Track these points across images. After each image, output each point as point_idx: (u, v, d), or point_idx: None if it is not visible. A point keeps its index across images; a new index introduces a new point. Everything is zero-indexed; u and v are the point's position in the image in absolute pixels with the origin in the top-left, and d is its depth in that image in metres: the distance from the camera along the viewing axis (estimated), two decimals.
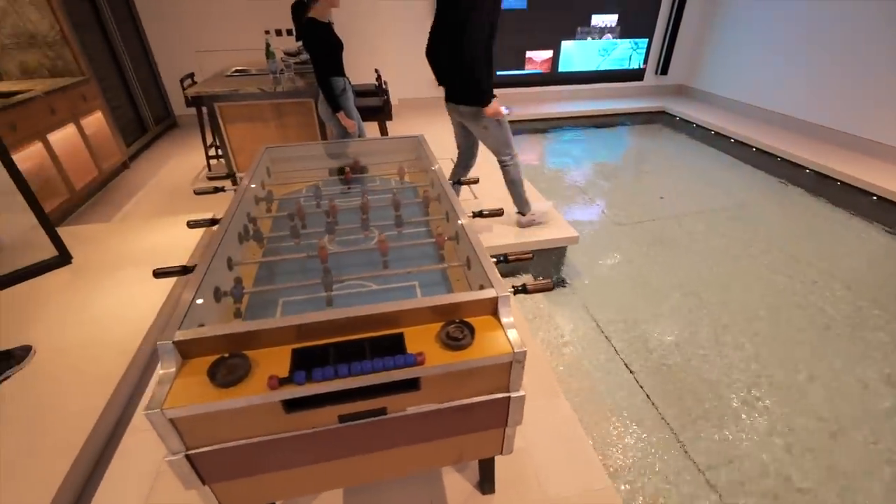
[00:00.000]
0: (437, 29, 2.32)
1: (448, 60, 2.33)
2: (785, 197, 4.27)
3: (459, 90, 2.41)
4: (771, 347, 2.45)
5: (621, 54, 6.74)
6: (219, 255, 1.29)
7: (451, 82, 2.44)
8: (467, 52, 2.17)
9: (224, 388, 0.91)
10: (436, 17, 2.32)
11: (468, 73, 2.26)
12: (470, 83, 2.33)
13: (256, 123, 3.40)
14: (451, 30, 2.20)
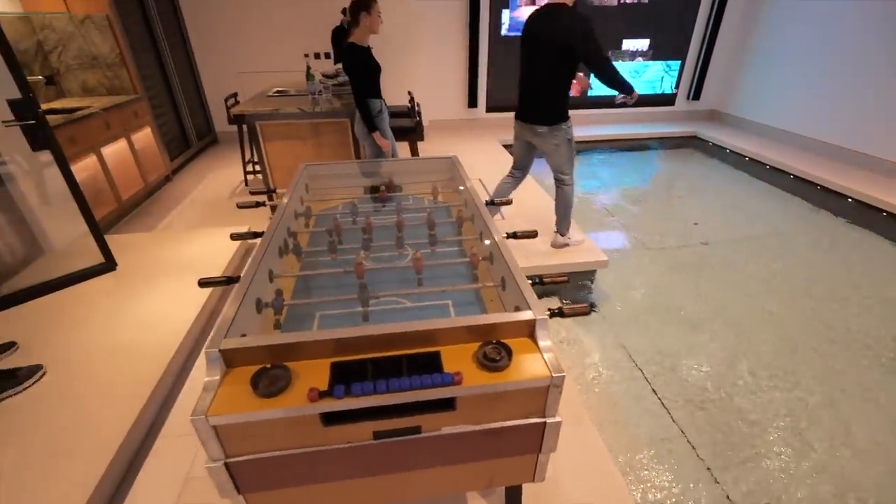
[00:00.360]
0: (542, 62, 2.52)
1: (545, 87, 2.58)
2: (825, 226, 4.11)
3: (543, 114, 2.63)
4: (812, 382, 2.33)
5: (653, 76, 6.73)
6: (261, 267, 1.33)
7: (537, 105, 2.66)
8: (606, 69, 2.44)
9: (266, 399, 0.93)
10: (542, 52, 2.51)
11: (613, 80, 2.50)
12: (554, 109, 2.61)
13: (294, 141, 3.53)
14: (557, 70, 2.49)
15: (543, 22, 2.49)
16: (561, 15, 2.41)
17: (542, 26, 2.48)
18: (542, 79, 2.57)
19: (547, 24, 2.46)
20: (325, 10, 5.38)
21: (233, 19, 5.37)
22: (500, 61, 6.27)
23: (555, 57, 2.46)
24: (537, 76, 2.59)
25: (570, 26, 2.37)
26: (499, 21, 6.01)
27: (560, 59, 2.45)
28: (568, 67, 2.50)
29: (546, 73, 2.54)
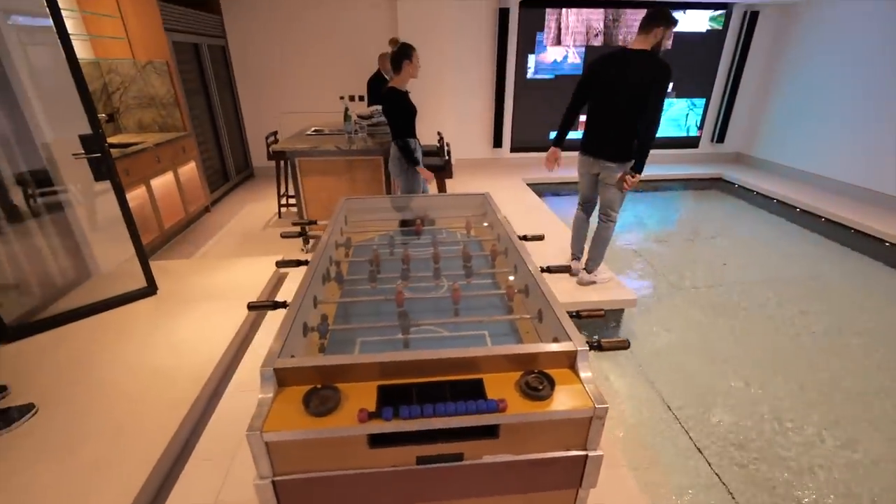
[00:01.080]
0: (617, 106, 2.66)
1: (622, 130, 2.69)
2: (862, 270, 4.00)
3: (617, 152, 2.74)
4: (851, 425, 2.21)
5: (677, 114, 6.84)
6: (307, 293, 1.40)
7: (609, 142, 2.76)
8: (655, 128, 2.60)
9: (317, 417, 0.96)
10: (619, 93, 2.64)
11: (650, 140, 2.62)
12: (629, 147, 2.72)
13: (329, 177, 3.70)
14: (635, 111, 2.61)
15: (622, 65, 2.60)
16: (642, 60, 2.54)
17: (621, 69, 2.59)
18: (617, 118, 2.68)
19: (626, 67, 2.58)
20: (357, 56, 5.77)
21: (275, 64, 5.79)
22: (525, 103, 6.52)
23: (632, 99, 2.58)
24: (612, 115, 2.70)
25: (652, 72, 2.50)
26: (525, 65, 6.29)
27: (637, 100, 2.56)
28: (642, 109, 2.59)
29: (621, 112, 2.64)
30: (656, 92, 2.51)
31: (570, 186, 6.17)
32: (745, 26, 6.27)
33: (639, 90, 2.54)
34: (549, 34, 6.12)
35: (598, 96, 2.75)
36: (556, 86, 6.43)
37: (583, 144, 2.93)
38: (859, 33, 5.21)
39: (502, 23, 5.88)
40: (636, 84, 2.55)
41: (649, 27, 2.52)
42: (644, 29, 2.54)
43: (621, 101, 2.63)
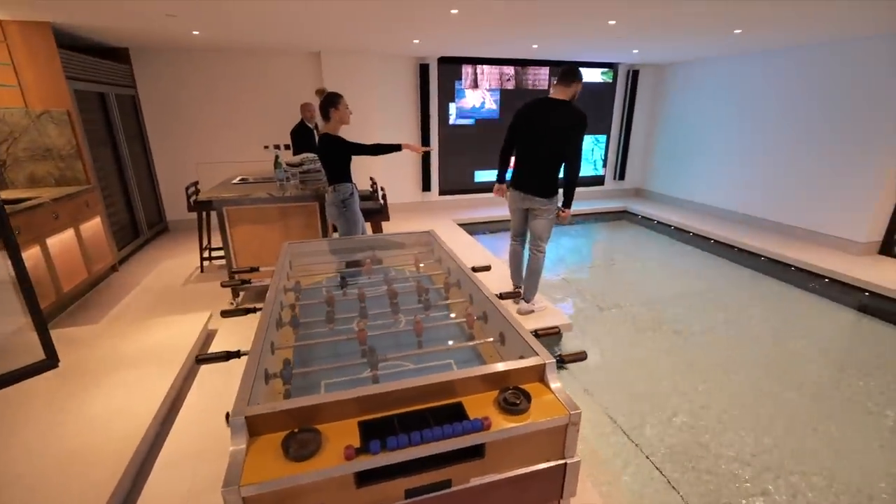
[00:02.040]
0: (543, 145, 2.97)
1: (548, 168, 3.01)
2: (749, 279, 4.66)
3: (544, 187, 3.05)
4: (769, 417, 2.52)
5: (585, 147, 7.59)
6: (266, 338, 1.34)
7: (538, 180, 3.05)
8: (578, 167, 3.02)
9: (299, 462, 0.91)
10: (539, 138, 2.97)
11: (575, 178, 3.04)
12: (554, 183, 3.07)
13: (260, 225, 3.57)
14: (559, 151, 2.95)
15: (546, 112, 2.93)
16: (564, 108, 2.89)
17: (545, 115, 2.92)
18: (542, 158, 2.98)
19: (549, 113, 2.91)
20: (282, 106, 5.78)
21: (191, 114, 5.57)
22: (449, 148, 6.89)
23: (555, 141, 2.92)
24: (538, 155, 2.99)
25: (572, 119, 2.87)
26: (447, 112, 6.71)
27: (560, 143, 2.91)
28: (563, 151, 2.94)
29: (546, 153, 2.96)
30: (576, 136, 2.89)
31: (496, 225, 6.53)
32: (630, 81, 7.33)
33: (560, 134, 2.89)
34: (466, 80, 6.63)
35: (526, 139, 3.04)
36: (476, 131, 6.92)
37: (514, 181, 3.18)
38: (720, 86, 6.36)
39: (423, 74, 6.28)
40: (558, 129, 2.89)
41: (569, 82, 2.89)
42: (564, 83, 2.91)
43: (546, 144, 2.95)
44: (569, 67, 2.92)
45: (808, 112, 5.17)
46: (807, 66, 5.13)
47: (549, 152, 2.96)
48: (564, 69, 2.91)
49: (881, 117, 4.50)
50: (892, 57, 4.36)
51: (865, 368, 3.12)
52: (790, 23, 3.91)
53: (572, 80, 2.90)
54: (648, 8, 3.41)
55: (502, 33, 4.55)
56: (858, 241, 4.82)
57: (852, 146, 4.78)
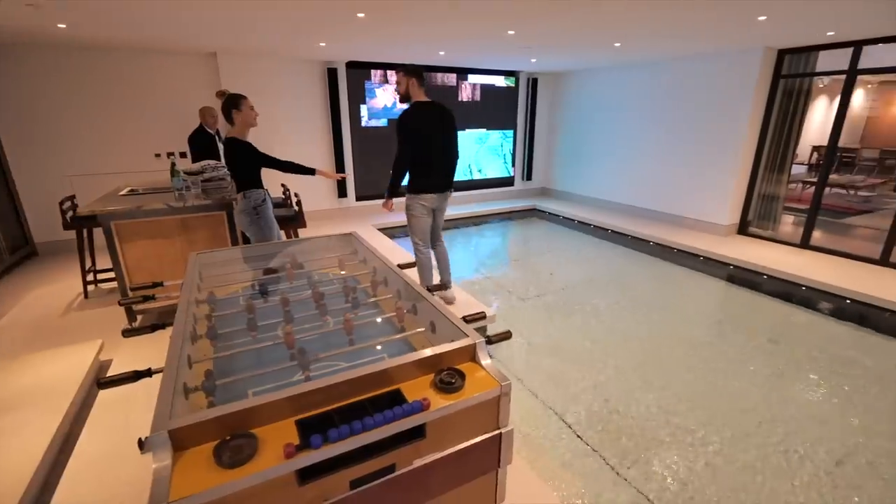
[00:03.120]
0: (449, 142, 3.22)
1: (454, 162, 3.30)
2: (642, 262, 5.27)
3: (452, 181, 3.33)
4: (668, 376, 2.89)
5: (494, 142, 8.04)
6: (182, 352, 1.24)
7: (449, 176, 3.29)
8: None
9: (235, 469, 0.87)
10: (443, 136, 3.18)
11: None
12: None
13: (159, 240, 3.24)
14: (454, 143, 3.26)
15: (438, 113, 3.13)
16: (441, 107, 3.16)
17: (441, 116, 3.13)
18: (446, 156, 3.22)
19: (441, 114, 3.14)
20: (176, 112, 5.30)
21: (59, 119, 4.87)
22: (363, 152, 6.81)
23: (452, 138, 3.20)
24: (447, 155, 3.22)
25: (451, 115, 3.20)
26: (358, 114, 6.63)
27: (454, 139, 3.23)
28: (455, 146, 3.26)
29: (447, 151, 3.21)
30: (455, 131, 3.24)
31: None
32: (530, 88, 7.88)
33: (453, 132, 3.22)
34: (376, 76, 6.60)
35: (433, 143, 3.14)
36: (389, 132, 6.89)
37: (427, 186, 3.21)
38: (608, 93, 7.09)
39: (331, 78, 6.16)
40: (451, 126, 3.20)
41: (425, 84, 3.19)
42: (425, 86, 3.17)
43: (449, 143, 3.21)
44: (422, 72, 3.16)
45: (678, 115, 6.00)
46: (677, 76, 5.95)
47: (449, 150, 3.23)
48: (422, 73, 3.15)
49: (733, 119, 5.38)
50: (739, 69, 5.24)
51: (737, 327, 3.71)
52: (659, 40, 4.51)
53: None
54: (544, 19, 3.72)
55: (409, 39, 4.64)
56: (722, 223, 5.70)
57: (713, 144, 5.65)
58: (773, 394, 2.78)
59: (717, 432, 2.43)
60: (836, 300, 4.07)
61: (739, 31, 4.20)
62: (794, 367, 3.10)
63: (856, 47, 4.58)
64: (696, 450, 2.31)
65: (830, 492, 2.06)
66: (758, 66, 5.05)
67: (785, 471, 2.18)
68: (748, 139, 5.36)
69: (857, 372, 3.04)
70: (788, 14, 3.53)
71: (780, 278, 4.49)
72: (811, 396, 2.79)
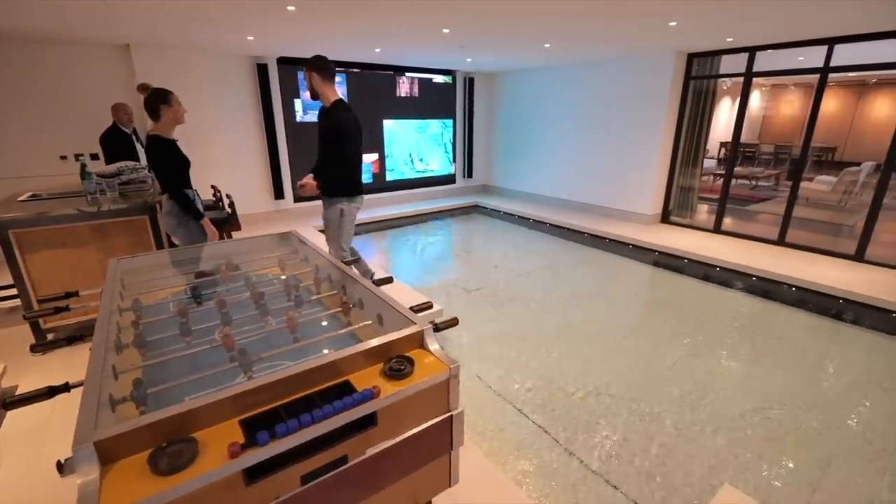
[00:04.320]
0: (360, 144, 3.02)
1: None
2: (578, 252, 5.57)
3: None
4: (606, 356, 3.08)
5: (435, 131, 8.05)
6: (105, 362, 1.14)
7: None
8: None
9: (173, 475, 0.82)
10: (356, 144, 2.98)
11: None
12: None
13: (70, 249, 2.93)
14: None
15: (354, 115, 2.93)
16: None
17: (356, 120, 2.92)
18: (361, 157, 3.11)
19: (355, 117, 2.94)
20: (83, 110, 4.82)
21: None
22: (300, 150, 6.57)
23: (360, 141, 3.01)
24: (359, 156, 3.09)
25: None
26: (292, 109, 6.37)
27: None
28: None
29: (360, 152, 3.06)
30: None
31: (359, 227, 6.51)
32: (467, 87, 8.02)
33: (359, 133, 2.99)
34: None
35: (356, 144, 2.96)
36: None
37: (358, 189, 3.11)
38: (540, 93, 7.39)
39: (262, 75, 5.89)
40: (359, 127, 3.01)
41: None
42: (333, 81, 2.97)
43: (360, 145, 3.03)
44: (326, 66, 2.91)
45: (605, 114, 6.40)
46: (603, 77, 6.33)
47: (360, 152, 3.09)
48: (326, 66, 2.89)
49: (652, 117, 5.83)
50: (656, 71, 5.68)
51: (664, 307, 4.03)
52: (584, 43, 4.78)
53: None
54: (475, 19, 3.81)
55: (342, 34, 4.56)
56: (647, 213, 6.16)
57: (636, 140, 6.08)
58: (696, 364, 3.06)
59: (650, 403, 2.64)
60: (744, 278, 4.55)
61: (654, 37, 4.57)
62: (714, 339, 3.44)
63: (751, 52, 5.14)
64: (633, 420, 2.49)
65: (750, 442, 2.31)
66: (671, 68, 5.51)
67: (707, 424, 2.41)
68: (666, 136, 5.84)
69: (764, 337, 3.43)
70: (694, 21, 3.89)
71: (698, 261, 4.94)
72: (727, 363, 3.11)
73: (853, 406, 2.66)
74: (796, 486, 2.06)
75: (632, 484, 2.06)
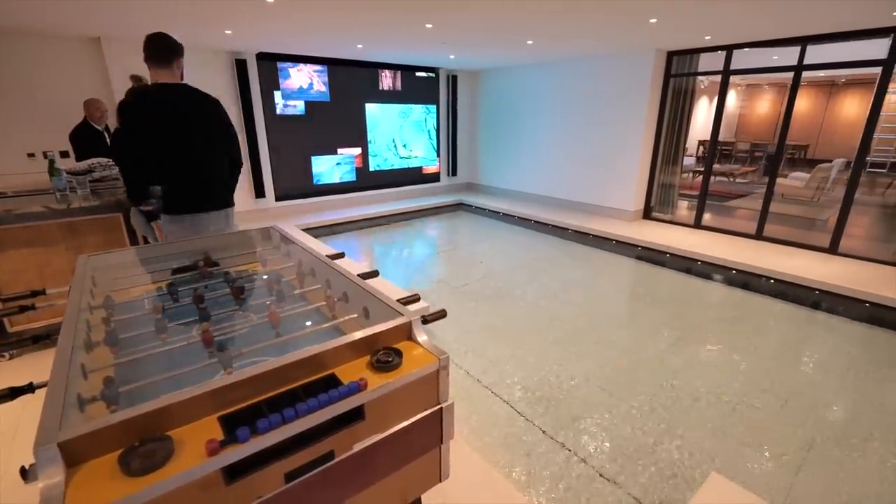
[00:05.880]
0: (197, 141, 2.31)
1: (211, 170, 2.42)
2: (563, 247, 5.60)
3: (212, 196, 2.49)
4: (591, 348, 3.09)
5: (418, 116, 7.94)
6: (72, 361, 1.08)
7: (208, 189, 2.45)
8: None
9: (146, 475, 0.77)
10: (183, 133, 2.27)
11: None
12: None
13: (37, 248, 2.80)
14: (209, 143, 2.37)
15: (171, 100, 2.25)
16: (188, 93, 2.32)
17: (177, 104, 2.27)
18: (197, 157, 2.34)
19: (177, 101, 2.26)
20: (45, 104, 4.63)
21: None
22: (281, 146, 6.44)
23: (207, 135, 2.36)
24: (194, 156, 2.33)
25: (200, 104, 2.36)
26: (272, 102, 6.24)
27: (211, 137, 2.38)
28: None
29: (198, 151, 2.33)
30: (213, 126, 2.38)
31: (343, 227, 6.42)
32: (450, 85, 8.00)
33: (200, 126, 2.32)
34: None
35: (163, 142, 2.25)
36: (308, 120, 6.58)
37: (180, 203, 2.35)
38: (523, 91, 7.41)
39: (241, 69, 5.76)
40: (196, 121, 2.32)
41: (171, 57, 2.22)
42: (162, 62, 2.20)
43: (186, 142, 2.31)
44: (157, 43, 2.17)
45: (588, 112, 6.45)
46: (585, 74, 6.38)
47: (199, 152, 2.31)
48: (156, 43, 2.16)
49: (634, 115, 5.90)
50: (637, 69, 5.75)
51: (647, 299, 4.07)
52: (566, 39, 4.81)
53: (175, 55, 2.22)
54: (458, 12, 3.78)
55: (323, 29, 4.48)
56: (629, 209, 6.23)
57: (618, 138, 6.15)
58: (681, 354, 3.09)
59: (637, 394, 2.65)
60: (724, 271, 4.64)
61: (634, 33, 4.62)
62: (697, 330, 3.48)
63: (728, 51, 5.25)
64: (621, 411, 2.49)
65: (736, 430, 2.34)
66: (651, 65, 5.59)
67: (692, 413, 2.43)
68: (647, 133, 5.92)
69: (746, 328, 3.50)
70: (674, 18, 3.94)
71: (680, 255, 5.02)
72: (711, 353, 3.15)
73: (833, 391, 2.73)
74: (780, 470, 2.09)
75: (621, 475, 2.06)
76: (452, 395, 1.19)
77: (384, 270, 4.74)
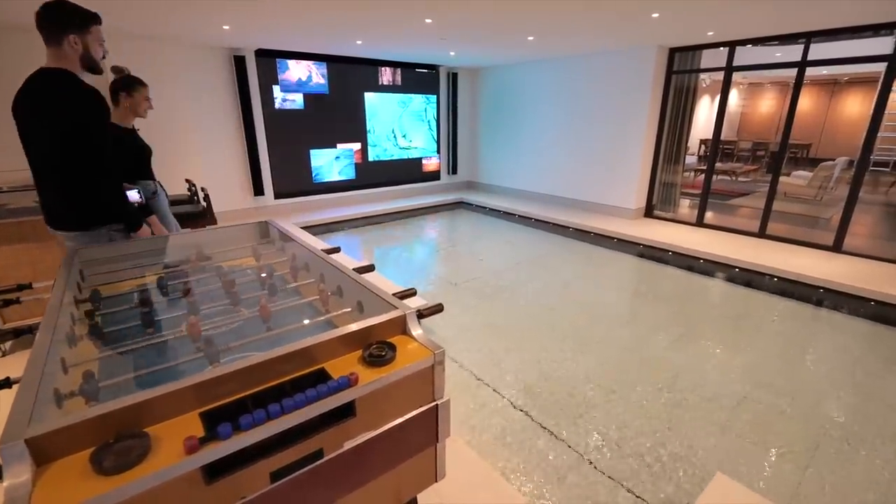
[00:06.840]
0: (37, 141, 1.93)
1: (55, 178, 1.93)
2: (564, 245, 5.55)
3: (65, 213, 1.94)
4: (592, 345, 3.04)
5: (418, 106, 7.85)
6: (50, 355, 1.03)
7: (60, 204, 1.92)
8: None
9: (119, 474, 0.72)
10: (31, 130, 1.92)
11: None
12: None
13: (28, 244, 2.76)
14: (46, 142, 1.92)
15: (27, 89, 1.92)
16: (42, 80, 1.89)
17: (28, 94, 1.93)
18: (42, 163, 1.96)
19: (30, 91, 1.91)
20: None
21: None
22: (279, 138, 6.37)
23: (40, 134, 1.92)
24: (38, 161, 1.97)
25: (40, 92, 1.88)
26: (271, 96, 6.17)
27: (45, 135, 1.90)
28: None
29: (41, 154, 1.94)
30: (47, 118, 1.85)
31: (343, 225, 6.38)
32: (450, 83, 7.95)
33: (38, 120, 1.90)
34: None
35: (26, 142, 1.98)
36: (307, 113, 6.51)
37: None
38: (523, 88, 7.36)
39: (239, 67, 5.71)
40: (34, 113, 1.93)
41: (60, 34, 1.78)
42: (53, 40, 1.81)
43: (31, 141, 1.99)
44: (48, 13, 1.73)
45: (589, 109, 6.40)
46: (586, 72, 6.33)
47: (41, 155, 1.89)
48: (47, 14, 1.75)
49: (636, 113, 5.84)
50: (638, 65, 5.70)
51: (649, 297, 4.02)
52: (567, 35, 4.76)
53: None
54: (459, 7, 3.73)
55: (322, 23, 4.43)
56: (631, 207, 6.18)
57: (620, 136, 6.09)
58: (683, 352, 3.04)
59: (638, 392, 2.60)
60: (727, 269, 4.58)
61: (636, 29, 4.56)
62: (700, 328, 3.43)
63: (731, 47, 5.19)
64: (622, 408, 2.44)
65: (740, 429, 2.29)
66: (653, 62, 5.53)
67: (696, 412, 2.38)
68: (649, 131, 5.86)
69: (749, 326, 3.44)
70: (677, 12, 3.88)
71: (681, 253, 4.96)
72: (714, 351, 3.10)
73: (838, 389, 2.67)
74: (787, 469, 2.04)
75: (623, 473, 2.01)
76: (450, 392, 1.14)
77: (384, 269, 4.69)
